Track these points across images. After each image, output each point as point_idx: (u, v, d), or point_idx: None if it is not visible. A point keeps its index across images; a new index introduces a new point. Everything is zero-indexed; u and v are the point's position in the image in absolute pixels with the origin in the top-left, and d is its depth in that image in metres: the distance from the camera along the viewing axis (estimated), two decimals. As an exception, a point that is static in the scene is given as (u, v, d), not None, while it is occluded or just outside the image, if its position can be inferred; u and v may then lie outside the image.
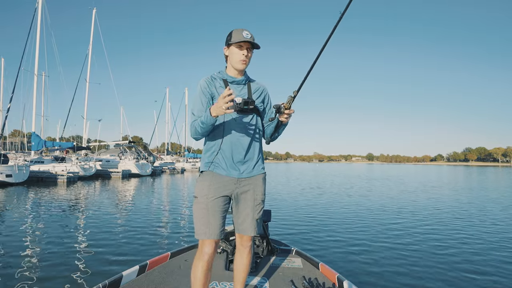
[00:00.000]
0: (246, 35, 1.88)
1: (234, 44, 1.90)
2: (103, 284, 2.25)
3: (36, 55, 23.43)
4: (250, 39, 1.88)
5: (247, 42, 1.88)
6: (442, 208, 10.01)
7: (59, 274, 3.92)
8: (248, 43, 1.89)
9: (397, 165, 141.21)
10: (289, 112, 1.79)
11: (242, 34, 1.87)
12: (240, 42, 1.88)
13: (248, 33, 1.90)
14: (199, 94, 1.94)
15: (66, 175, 20.04)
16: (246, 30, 1.91)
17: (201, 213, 1.89)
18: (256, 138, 2.00)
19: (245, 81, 2.01)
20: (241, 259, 2.09)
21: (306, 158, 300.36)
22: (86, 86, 29.03)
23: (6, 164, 17.53)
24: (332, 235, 6.08)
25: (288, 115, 1.80)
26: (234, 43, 1.89)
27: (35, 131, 23.72)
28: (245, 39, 1.86)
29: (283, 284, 2.55)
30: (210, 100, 1.94)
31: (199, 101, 1.93)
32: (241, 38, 1.86)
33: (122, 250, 4.97)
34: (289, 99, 1.76)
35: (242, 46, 1.90)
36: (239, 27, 1.94)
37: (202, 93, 1.94)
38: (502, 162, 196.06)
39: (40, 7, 23.69)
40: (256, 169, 1.99)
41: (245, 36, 1.87)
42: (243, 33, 1.88)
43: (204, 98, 1.93)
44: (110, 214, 8.31)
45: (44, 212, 8.53)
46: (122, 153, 30.12)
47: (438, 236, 6.13)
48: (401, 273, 4.11)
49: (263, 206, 2.04)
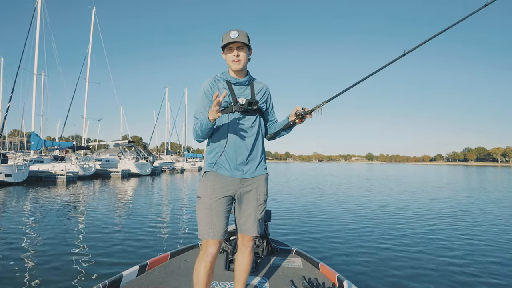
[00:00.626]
0: (233, 35, 1.87)
1: (225, 47, 1.91)
2: (103, 284, 2.24)
3: (35, 55, 23.39)
4: (237, 38, 1.86)
5: (236, 42, 1.87)
6: (442, 208, 10.01)
7: (59, 274, 3.91)
8: (237, 42, 1.87)
9: (397, 165, 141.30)
10: (309, 117, 1.87)
11: (229, 36, 1.87)
12: (229, 44, 1.88)
13: (236, 32, 1.88)
14: (201, 97, 1.95)
15: (65, 174, 20.02)
16: (234, 29, 1.90)
17: (204, 213, 1.89)
18: (259, 138, 2.00)
19: (248, 81, 2.00)
20: (243, 259, 2.09)
21: (306, 158, 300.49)
22: (86, 86, 29.02)
23: (6, 163, 17.51)
24: (332, 235, 6.08)
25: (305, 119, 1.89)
26: (224, 46, 1.90)
27: (34, 130, 23.68)
28: (231, 39, 1.85)
29: (283, 284, 2.55)
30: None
31: (201, 104, 1.93)
32: (228, 40, 1.87)
33: (122, 250, 4.97)
34: (316, 107, 1.83)
35: (231, 47, 1.90)
36: (239, 27, 1.94)
37: (205, 96, 1.94)
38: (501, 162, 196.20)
39: (40, 6, 23.65)
40: (259, 169, 2.00)
41: (232, 37, 1.86)
42: (230, 34, 1.87)
43: (207, 101, 1.93)
44: (110, 214, 8.30)
45: (44, 212, 8.52)
46: (122, 153, 30.11)
47: (438, 236, 6.13)
48: (401, 273, 4.11)
49: (265, 206, 2.04)
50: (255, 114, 1.98)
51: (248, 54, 1.95)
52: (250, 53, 1.98)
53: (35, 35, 23.52)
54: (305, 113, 1.84)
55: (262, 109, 2.03)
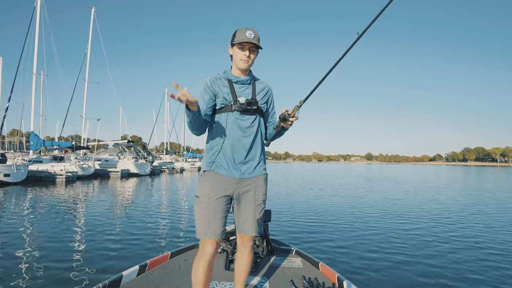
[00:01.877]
0: (250, 35, 1.85)
1: (237, 44, 1.89)
2: (103, 284, 2.24)
3: (34, 54, 23.33)
4: (253, 39, 1.85)
5: (250, 43, 1.86)
6: (442, 208, 10.03)
7: (59, 274, 3.91)
8: (251, 43, 1.86)
9: (396, 165, 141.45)
10: (293, 120, 1.86)
11: (245, 34, 1.85)
12: (243, 43, 1.87)
13: (252, 32, 1.87)
14: (201, 91, 1.96)
15: (64, 174, 19.99)
16: (250, 29, 1.88)
17: (202, 213, 1.89)
18: (258, 138, 1.99)
19: (249, 80, 1.99)
20: (242, 259, 2.08)
21: (305, 158, 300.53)
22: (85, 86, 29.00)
23: (4, 163, 17.47)
24: (332, 235, 6.09)
25: (292, 122, 1.88)
26: (237, 43, 1.88)
27: (33, 130, 23.66)
28: (247, 39, 1.84)
29: (283, 284, 2.55)
30: (212, 97, 1.94)
31: (200, 98, 1.94)
32: (243, 38, 1.85)
33: (122, 250, 4.96)
34: (295, 108, 1.84)
35: (244, 46, 1.88)
36: (239, 27, 1.92)
37: (204, 90, 1.95)
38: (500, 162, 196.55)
39: (39, 6, 23.62)
40: (258, 169, 1.99)
41: (248, 37, 1.84)
42: (246, 33, 1.85)
43: (206, 95, 1.93)
44: (109, 214, 8.29)
45: (43, 212, 8.51)
46: (121, 153, 30.06)
47: (438, 236, 6.14)
48: (401, 273, 4.11)
49: (264, 206, 2.03)
50: (255, 114, 1.96)
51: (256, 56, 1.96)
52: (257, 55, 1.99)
53: (35, 34, 23.49)
54: (289, 116, 1.84)
55: (262, 110, 2.02)
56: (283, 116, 1.85)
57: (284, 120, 1.87)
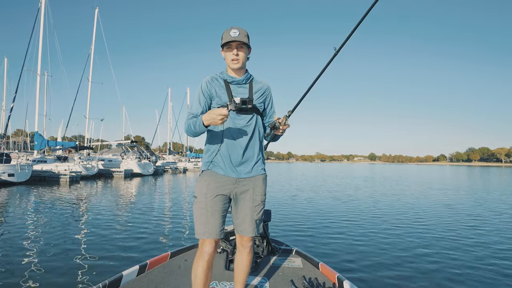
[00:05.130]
0: (234, 33, 1.85)
1: (225, 45, 1.90)
2: (103, 284, 2.25)
3: (39, 55, 23.56)
4: (238, 37, 1.85)
5: (235, 41, 1.86)
6: (443, 208, 9.97)
7: (60, 274, 3.93)
8: (236, 41, 1.87)
9: (400, 165, 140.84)
10: (285, 127, 1.88)
11: (229, 34, 1.86)
12: (229, 43, 1.88)
13: (237, 30, 1.87)
14: (198, 93, 1.97)
15: (68, 174, 20.11)
16: (235, 27, 1.88)
17: (200, 213, 1.90)
18: (255, 138, 1.98)
19: (245, 80, 1.99)
20: (241, 259, 2.08)
21: (308, 158, 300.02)
22: (89, 86, 29.22)
23: (9, 163, 17.61)
24: (332, 235, 6.07)
25: (283, 130, 1.90)
26: (224, 44, 1.89)
27: (38, 130, 23.84)
28: (232, 38, 1.85)
29: (283, 284, 2.55)
30: (208, 99, 1.95)
31: (197, 100, 1.95)
32: (228, 38, 1.86)
33: (122, 250, 4.98)
34: (284, 117, 1.88)
35: (231, 46, 1.89)
36: (239, 27, 1.91)
37: (201, 92, 1.96)
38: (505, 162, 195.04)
39: (43, 6, 23.81)
40: (255, 169, 1.98)
41: (233, 36, 1.85)
42: (231, 32, 1.86)
43: (203, 98, 1.94)
44: (111, 214, 8.33)
45: (46, 212, 8.56)
46: (124, 153, 30.19)
47: (438, 236, 6.11)
48: (401, 273, 4.10)
49: (263, 207, 2.02)
50: (251, 113, 1.96)
51: (247, 53, 1.95)
52: (249, 52, 1.98)
53: (39, 35, 23.72)
54: (279, 124, 1.86)
55: (259, 109, 2.02)
56: (274, 124, 1.88)
57: (275, 128, 1.89)
